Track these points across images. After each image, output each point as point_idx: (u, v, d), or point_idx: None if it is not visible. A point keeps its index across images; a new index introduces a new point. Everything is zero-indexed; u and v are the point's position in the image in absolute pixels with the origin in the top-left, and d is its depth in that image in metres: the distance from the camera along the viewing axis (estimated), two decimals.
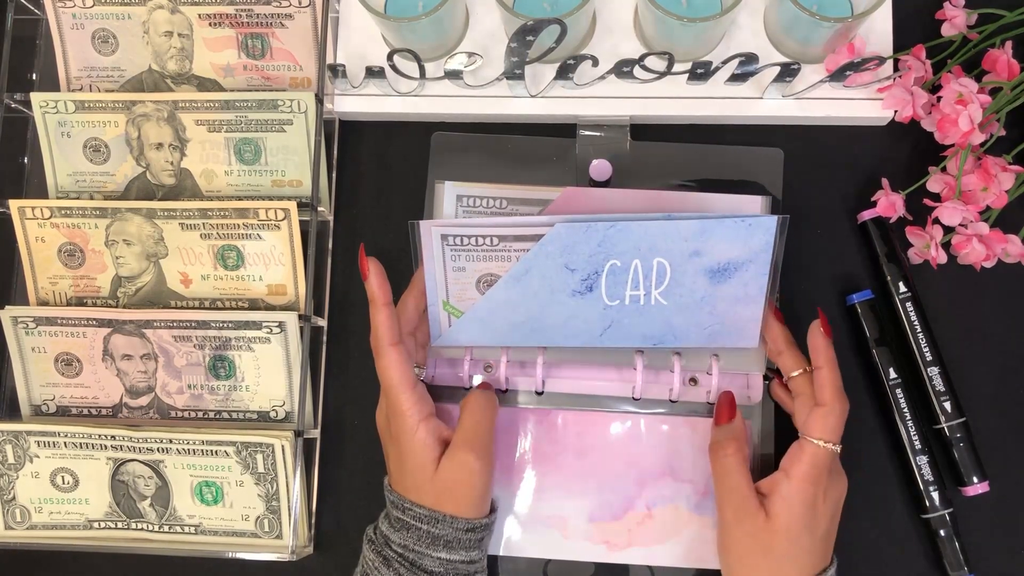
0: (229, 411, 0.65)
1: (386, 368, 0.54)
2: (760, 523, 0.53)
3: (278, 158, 0.66)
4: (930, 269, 0.62)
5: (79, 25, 0.69)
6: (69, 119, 0.67)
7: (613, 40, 0.66)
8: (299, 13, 0.67)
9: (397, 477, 0.56)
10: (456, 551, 0.53)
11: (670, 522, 0.62)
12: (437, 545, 0.53)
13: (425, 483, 0.54)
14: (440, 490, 0.54)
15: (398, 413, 0.54)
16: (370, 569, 0.55)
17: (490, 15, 0.67)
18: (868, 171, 0.65)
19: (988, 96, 0.59)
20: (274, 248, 0.65)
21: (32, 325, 0.66)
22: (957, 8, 0.63)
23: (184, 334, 0.65)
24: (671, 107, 0.65)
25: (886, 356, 0.62)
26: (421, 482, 0.54)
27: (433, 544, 0.53)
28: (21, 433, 0.64)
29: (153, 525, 0.64)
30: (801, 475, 0.53)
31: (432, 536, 0.53)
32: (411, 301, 0.60)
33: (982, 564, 0.61)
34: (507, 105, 0.66)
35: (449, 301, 0.59)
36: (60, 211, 0.66)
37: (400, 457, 0.55)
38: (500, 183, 0.65)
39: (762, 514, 0.53)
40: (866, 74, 0.62)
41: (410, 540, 0.54)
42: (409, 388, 0.54)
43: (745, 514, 0.53)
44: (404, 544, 0.54)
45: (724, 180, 0.65)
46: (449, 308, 0.59)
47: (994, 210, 0.60)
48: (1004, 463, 0.62)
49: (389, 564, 0.54)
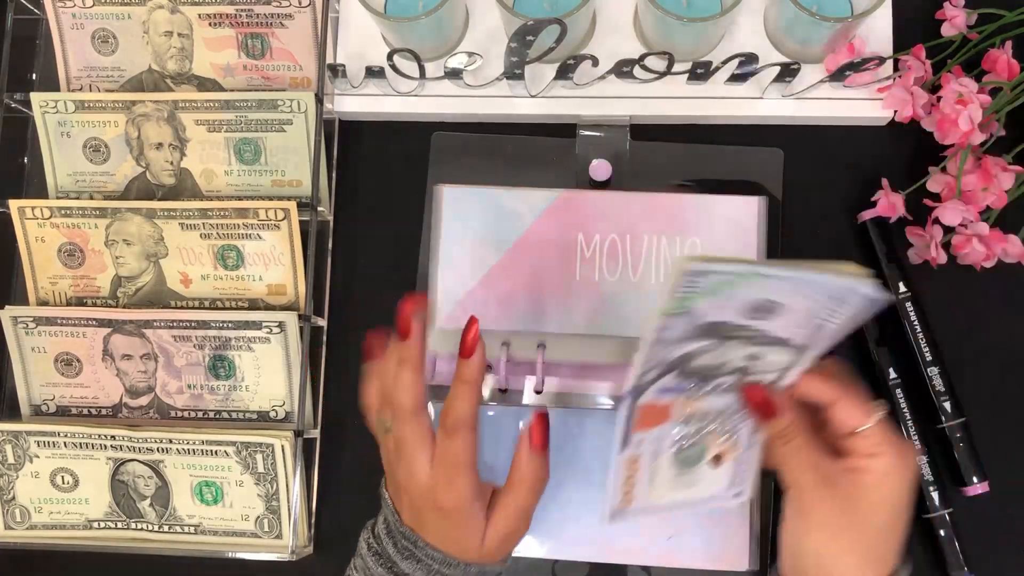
0: (229, 411, 0.65)
1: (464, 450, 0.50)
2: (849, 492, 0.47)
3: (278, 158, 0.66)
4: (930, 269, 0.62)
5: (79, 25, 0.69)
6: (69, 119, 0.67)
7: (613, 40, 0.66)
8: (299, 13, 0.67)
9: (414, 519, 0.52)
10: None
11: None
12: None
13: (471, 551, 0.51)
14: (483, 555, 0.52)
15: (460, 496, 0.50)
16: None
17: (490, 15, 0.67)
18: (868, 171, 0.65)
19: (988, 96, 0.59)
20: (274, 248, 0.65)
21: (32, 325, 0.66)
22: (957, 8, 0.63)
23: (184, 334, 0.65)
24: (671, 107, 0.65)
25: (886, 356, 0.62)
26: (466, 548, 0.51)
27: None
28: (21, 433, 0.64)
29: (153, 525, 0.64)
30: (890, 450, 0.48)
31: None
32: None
33: (982, 564, 0.61)
34: (507, 105, 0.66)
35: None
36: (60, 211, 0.66)
37: (441, 519, 0.51)
38: (500, 183, 0.65)
39: (848, 483, 0.48)
40: (866, 74, 0.62)
41: (419, 572, 0.52)
42: (475, 471, 0.51)
43: (831, 487, 0.48)
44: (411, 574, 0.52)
45: (724, 180, 0.65)
46: None
47: (994, 210, 0.60)
48: (1004, 463, 0.62)
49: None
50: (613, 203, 0.63)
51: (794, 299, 0.44)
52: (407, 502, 0.52)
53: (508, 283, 0.63)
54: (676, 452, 0.52)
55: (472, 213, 0.64)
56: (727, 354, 0.48)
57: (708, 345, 0.47)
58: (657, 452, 0.51)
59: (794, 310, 0.45)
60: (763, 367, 0.49)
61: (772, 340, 0.47)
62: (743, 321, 0.45)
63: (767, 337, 0.47)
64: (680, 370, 0.48)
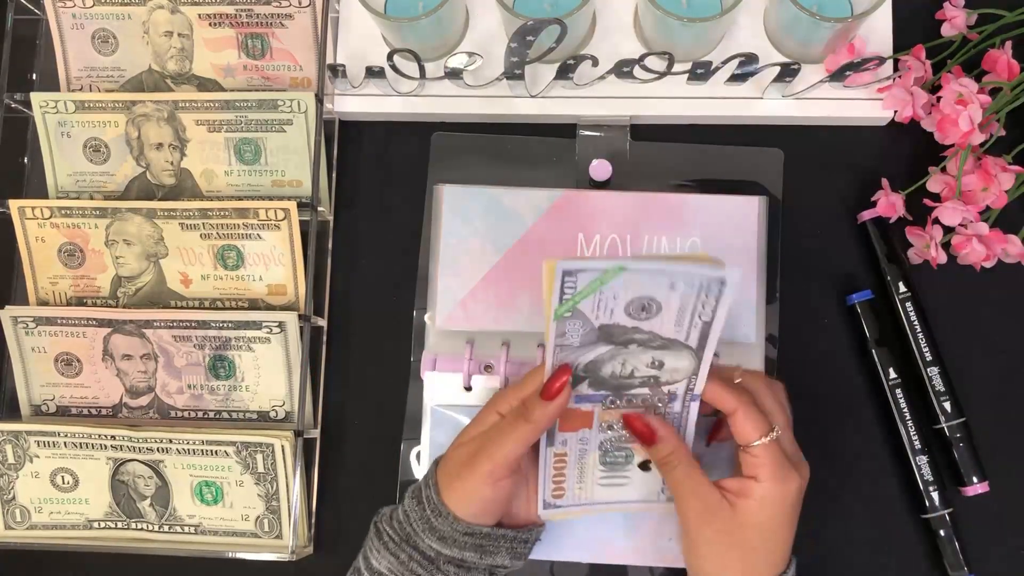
0: (229, 411, 0.65)
1: (545, 416, 0.51)
2: (728, 518, 0.51)
3: (278, 158, 0.66)
4: (930, 269, 0.62)
5: (79, 25, 0.69)
6: (69, 119, 0.67)
7: (613, 40, 0.66)
8: (299, 13, 0.67)
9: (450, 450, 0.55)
10: (448, 546, 0.53)
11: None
12: (432, 534, 0.53)
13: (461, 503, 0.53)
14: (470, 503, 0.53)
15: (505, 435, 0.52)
16: (367, 541, 0.56)
17: (490, 15, 0.67)
18: (868, 171, 0.65)
19: (988, 96, 0.59)
20: (274, 248, 0.65)
21: (32, 325, 0.66)
22: (957, 8, 0.63)
23: (184, 334, 0.65)
24: (671, 107, 0.65)
25: (886, 356, 0.62)
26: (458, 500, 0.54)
27: (430, 531, 0.53)
28: (21, 433, 0.64)
29: (153, 525, 0.64)
30: (769, 476, 0.51)
31: (431, 524, 0.53)
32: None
33: (982, 564, 0.61)
34: (507, 105, 0.66)
35: None
36: (60, 211, 0.66)
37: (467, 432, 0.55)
38: (500, 183, 0.65)
39: (728, 508, 0.51)
40: (866, 74, 0.62)
41: (414, 514, 0.54)
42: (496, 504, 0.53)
43: (712, 513, 0.51)
44: (407, 514, 0.54)
45: (724, 180, 0.65)
46: None
47: (994, 210, 0.60)
48: (1004, 463, 0.62)
49: (380, 536, 0.55)
50: (613, 203, 0.63)
51: (666, 294, 0.48)
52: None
53: (508, 283, 0.63)
54: (602, 455, 0.55)
55: (472, 213, 0.64)
56: (631, 361, 0.51)
57: (610, 351, 0.50)
58: (584, 452, 0.55)
59: (670, 307, 0.49)
60: (670, 376, 0.52)
61: (663, 343, 0.50)
62: (631, 322, 0.49)
63: (658, 339, 0.50)
64: (592, 379, 0.52)
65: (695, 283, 0.48)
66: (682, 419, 0.54)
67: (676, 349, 0.51)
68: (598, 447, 0.55)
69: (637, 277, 0.48)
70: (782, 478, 0.51)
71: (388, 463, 0.65)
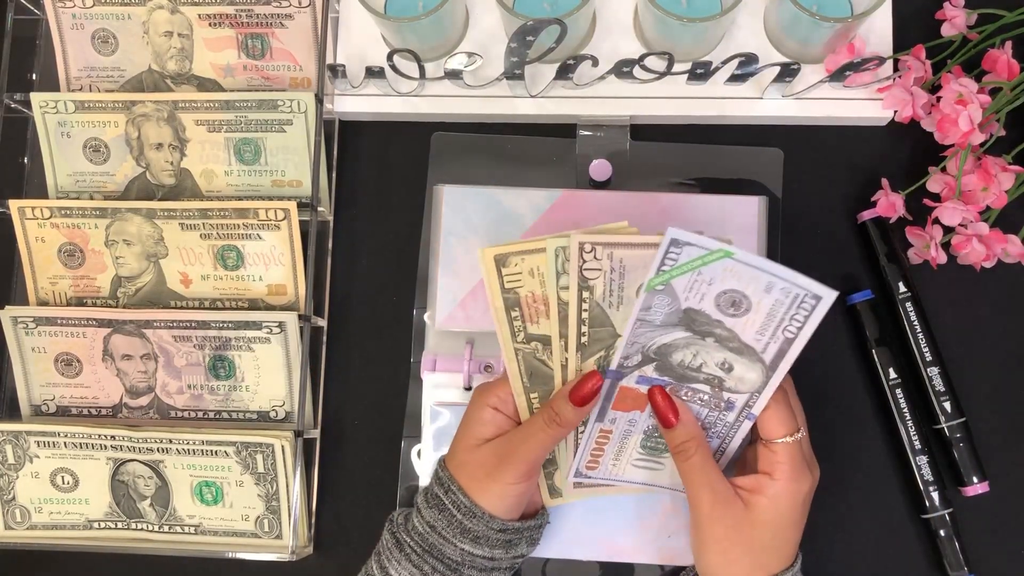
0: (229, 411, 0.65)
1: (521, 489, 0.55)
2: (740, 514, 0.51)
3: (278, 158, 0.66)
4: (930, 269, 0.62)
5: (79, 25, 0.69)
6: (69, 119, 0.67)
7: (613, 40, 0.66)
8: (299, 13, 0.67)
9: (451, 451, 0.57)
10: (481, 546, 0.54)
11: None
12: (465, 537, 0.54)
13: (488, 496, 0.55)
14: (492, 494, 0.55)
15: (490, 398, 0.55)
16: (383, 549, 0.56)
17: (490, 15, 0.67)
18: (868, 171, 0.65)
19: (988, 96, 0.59)
20: (274, 248, 0.65)
21: (32, 325, 0.66)
22: (957, 8, 0.63)
23: (184, 334, 0.65)
24: (671, 107, 0.65)
25: (886, 356, 0.62)
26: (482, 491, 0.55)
27: (462, 535, 0.54)
28: (21, 433, 0.64)
29: (153, 525, 0.64)
30: (785, 475, 0.51)
31: (463, 528, 0.53)
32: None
33: (982, 564, 0.61)
34: (507, 105, 0.66)
35: None
36: (60, 211, 0.66)
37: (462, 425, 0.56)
38: (500, 183, 0.65)
39: (740, 504, 0.52)
40: (866, 74, 0.62)
41: (440, 523, 0.54)
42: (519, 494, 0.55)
43: (724, 507, 0.52)
44: (431, 524, 0.54)
45: (724, 180, 0.65)
46: None
47: (994, 210, 0.60)
48: (1004, 463, 0.62)
49: (401, 547, 0.55)
50: (613, 203, 0.63)
51: (760, 295, 0.48)
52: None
53: None
54: (644, 439, 0.55)
55: (472, 213, 0.64)
56: (703, 355, 0.51)
57: (686, 339, 0.50)
58: (629, 432, 0.55)
59: (760, 310, 0.48)
60: (735, 384, 0.52)
61: (740, 347, 0.50)
62: (717, 314, 0.49)
63: (737, 341, 0.50)
64: (659, 363, 0.51)
65: (791, 292, 0.47)
66: (731, 432, 0.54)
67: (750, 359, 0.50)
68: (643, 431, 0.55)
69: (738, 268, 0.47)
70: (797, 478, 0.51)
71: (388, 463, 0.65)
